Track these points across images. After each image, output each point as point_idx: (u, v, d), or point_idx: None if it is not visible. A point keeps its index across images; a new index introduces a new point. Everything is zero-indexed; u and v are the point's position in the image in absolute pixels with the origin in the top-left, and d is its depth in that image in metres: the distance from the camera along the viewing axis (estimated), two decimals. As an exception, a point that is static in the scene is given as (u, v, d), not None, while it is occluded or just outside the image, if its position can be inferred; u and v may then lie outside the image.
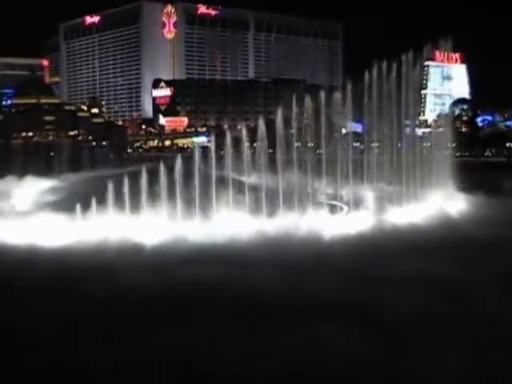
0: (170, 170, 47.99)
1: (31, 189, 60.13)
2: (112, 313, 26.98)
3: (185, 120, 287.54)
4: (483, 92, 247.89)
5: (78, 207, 45.43)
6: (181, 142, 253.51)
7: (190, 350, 22.68)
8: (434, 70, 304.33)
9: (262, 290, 29.98)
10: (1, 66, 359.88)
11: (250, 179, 53.30)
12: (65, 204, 48.37)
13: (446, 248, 39.23)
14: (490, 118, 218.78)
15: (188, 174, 48.71)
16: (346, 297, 28.94)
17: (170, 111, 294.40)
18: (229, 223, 45.51)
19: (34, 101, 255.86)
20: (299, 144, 59.01)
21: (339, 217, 51.08)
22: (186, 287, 30.77)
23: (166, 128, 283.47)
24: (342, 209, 54.06)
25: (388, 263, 34.98)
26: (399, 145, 63.90)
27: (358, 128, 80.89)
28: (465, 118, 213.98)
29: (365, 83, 60.93)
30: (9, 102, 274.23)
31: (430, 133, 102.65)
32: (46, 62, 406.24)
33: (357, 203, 54.05)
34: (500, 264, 34.90)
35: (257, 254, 37.67)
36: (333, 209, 52.84)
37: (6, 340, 24.70)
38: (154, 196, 46.91)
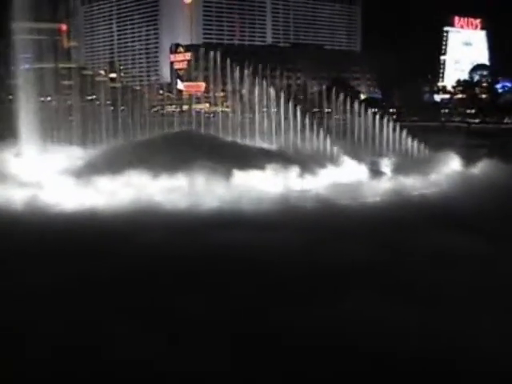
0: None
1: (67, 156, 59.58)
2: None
3: (203, 85, 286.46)
4: (503, 58, 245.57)
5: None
6: (198, 106, 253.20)
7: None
8: (454, 36, 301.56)
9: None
10: (19, 30, 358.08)
11: (270, 143, 53.75)
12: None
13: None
14: (509, 84, 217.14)
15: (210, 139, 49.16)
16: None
17: (188, 76, 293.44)
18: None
19: (52, 65, 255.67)
20: (316, 109, 59.23)
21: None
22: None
23: (184, 93, 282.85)
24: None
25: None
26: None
27: (377, 94, 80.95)
28: (484, 84, 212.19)
29: (383, 49, 60.80)
30: (27, 66, 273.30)
31: (449, 99, 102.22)
32: (64, 27, 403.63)
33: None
34: None
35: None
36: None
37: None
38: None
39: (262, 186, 45.48)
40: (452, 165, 57.21)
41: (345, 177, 50.07)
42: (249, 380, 18.42)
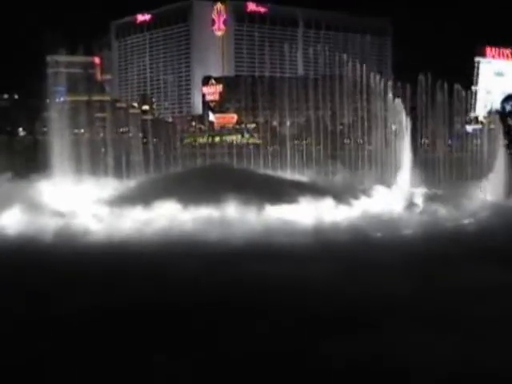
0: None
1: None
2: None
3: (234, 116, 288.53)
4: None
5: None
6: (230, 138, 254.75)
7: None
8: (485, 66, 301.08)
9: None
10: (54, 63, 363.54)
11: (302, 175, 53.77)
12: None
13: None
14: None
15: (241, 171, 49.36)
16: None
17: (220, 108, 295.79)
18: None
19: (85, 98, 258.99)
20: (348, 140, 59.19)
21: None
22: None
23: (216, 124, 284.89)
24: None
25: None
26: (449, 141, 63.39)
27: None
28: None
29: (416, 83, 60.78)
30: (61, 99, 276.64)
31: (480, 129, 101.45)
32: (97, 60, 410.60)
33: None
34: None
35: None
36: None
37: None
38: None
39: (295, 217, 45.30)
40: (488, 195, 56.58)
41: (379, 207, 49.73)
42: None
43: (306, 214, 46.34)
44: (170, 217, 45.54)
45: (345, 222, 45.36)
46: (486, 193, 56.40)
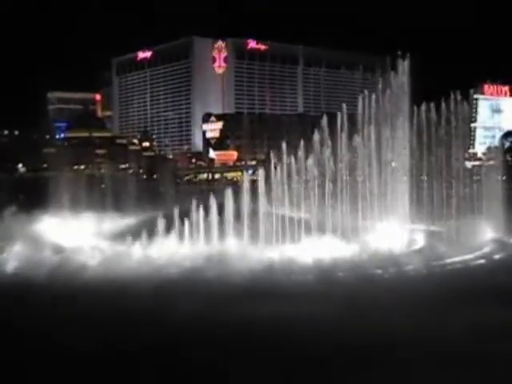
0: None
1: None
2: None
3: (234, 154, 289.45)
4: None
5: None
6: (230, 175, 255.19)
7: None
8: (483, 103, 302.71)
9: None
10: (54, 100, 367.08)
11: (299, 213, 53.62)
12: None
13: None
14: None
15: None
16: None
17: (220, 145, 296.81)
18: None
19: (86, 134, 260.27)
20: (348, 177, 59.06)
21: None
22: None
23: (216, 161, 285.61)
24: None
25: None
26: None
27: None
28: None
29: (413, 119, 60.85)
30: (62, 135, 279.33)
31: (479, 166, 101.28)
32: (98, 96, 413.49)
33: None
34: None
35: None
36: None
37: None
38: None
39: (297, 256, 45.10)
40: (496, 233, 56.23)
41: (379, 244, 49.47)
42: None
43: (307, 251, 46.12)
44: (169, 253, 45.45)
45: (345, 259, 45.12)
46: (487, 229, 56.07)
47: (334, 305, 31.83)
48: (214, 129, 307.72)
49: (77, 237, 52.85)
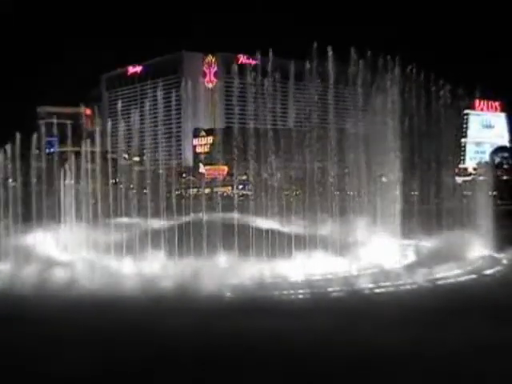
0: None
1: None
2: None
3: (225, 168, 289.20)
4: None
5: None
6: (220, 190, 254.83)
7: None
8: (474, 119, 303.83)
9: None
10: (44, 114, 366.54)
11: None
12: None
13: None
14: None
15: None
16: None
17: (210, 159, 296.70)
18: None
19: (76, 149, 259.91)
20: (338, 192, 59.04)
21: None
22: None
23: (206, 176, 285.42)
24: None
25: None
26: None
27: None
28: (506, 166, 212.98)
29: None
30: (52, 149, 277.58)
31: (470, 181, 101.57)
32: (88, 111, 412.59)
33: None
34: None
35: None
36: None
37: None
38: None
39: (288, 271, 44.90)
40: (486, 248, 56.13)
41: (370, 260, 49.31)
42: None
43: (298, 267, 45.93)
44: (161, 268, 45.33)
45: (335, 274, 44.97)
46: (478, 245, 56.03)
47: (322, 321, 31.53)
48: (204, 143, 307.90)
49: (67, 250, 52.93)
